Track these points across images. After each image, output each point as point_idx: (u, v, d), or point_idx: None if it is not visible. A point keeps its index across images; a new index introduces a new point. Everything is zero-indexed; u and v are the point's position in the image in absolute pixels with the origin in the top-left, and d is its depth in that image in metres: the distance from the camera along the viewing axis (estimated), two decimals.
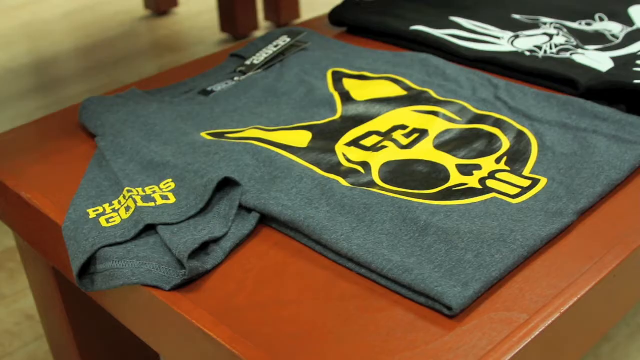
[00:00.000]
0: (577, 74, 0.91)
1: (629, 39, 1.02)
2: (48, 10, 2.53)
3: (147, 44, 2.21)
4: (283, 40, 0.99)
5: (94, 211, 0.72)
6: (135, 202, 0.71)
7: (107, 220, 0.70)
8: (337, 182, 0.73)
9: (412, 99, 0.88)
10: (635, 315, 1.16)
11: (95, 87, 1.95)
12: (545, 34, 1.02)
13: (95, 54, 2.16)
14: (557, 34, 1.02)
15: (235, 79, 0.95)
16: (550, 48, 0.98)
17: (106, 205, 0.72)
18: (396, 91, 0.90)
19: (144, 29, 2.31)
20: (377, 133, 0.82)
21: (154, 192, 0.73)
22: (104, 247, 0.66)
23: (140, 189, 0.73)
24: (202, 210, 0.70)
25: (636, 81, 0.83)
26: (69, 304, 0.91)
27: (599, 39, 1.02)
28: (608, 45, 1.00)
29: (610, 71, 0.89)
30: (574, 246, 0.66)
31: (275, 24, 2.23)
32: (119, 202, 0.72)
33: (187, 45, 2.17)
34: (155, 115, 0.87)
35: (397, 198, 0.69)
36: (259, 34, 2.20)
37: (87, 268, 0.67)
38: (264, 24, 2.25)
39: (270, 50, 0.98)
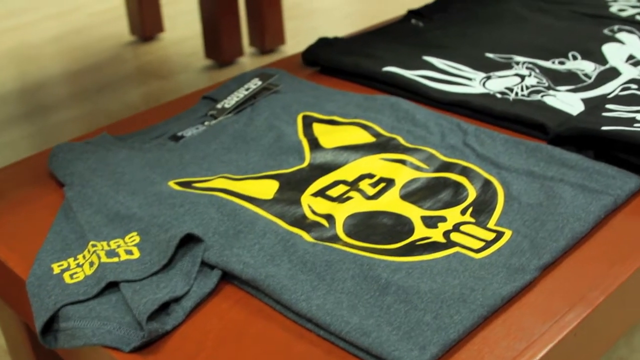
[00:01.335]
0: (546, 118, 0.90)
1: (601, 79, 1.02)
2: (35, 34, 2.53)
3: (132, 70, 2.21)
4: (254, 84, 0.99)
5: (58, 266, 0.72)
6: (99, 257, 0.71)
7: (71, 276, 0.70)
8: (301, 237, 0.72)
9: (381, 146, 0.88)
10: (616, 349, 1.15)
11: (80, 114, 1.94)
12: (517, 74, 1.02)
13: (81, 80, 2.16)
14: (529, 75, 1.02)
15: (206, 123, 0.95)
16: (522, 90, 0.98)
17: (71, 260, 0.72)
18: (365, 138, 0.90)
19: (130, 55, 2.31)
20: (344, 182, 0.82)
21: (119, 246, 0.73)
22: (67, 305, 0.66)
23: (105, 243, 0.73)
24: (165, 267, 0.70)
25: (604, 128, 0.83)
26: (38, 351, 0.91)
27: (571, 79, 1.02)
28: (580, 85, 1.00)
29: (579, 115, 0.89)
30: (535, 303, 0.65)
31: (259, 50, 2.23)
32: (84, 257, 0.72)
33: (172, 72, 2.17)
34: (124, 163, 0.87)
35: (359, 255, 0.69)
36: (243, 60, 2.20)
37: (51, 325, 0.66)
38: (248, 50, 2.25)
39: (241, 93, 0.98)
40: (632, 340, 1.10)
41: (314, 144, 0.89)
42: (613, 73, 1.04)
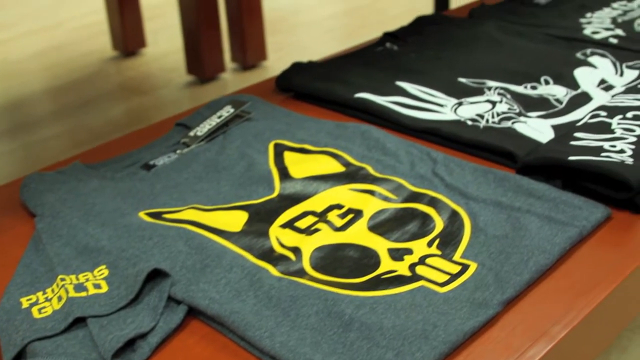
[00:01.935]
0: (516, 146, 0.91)
1: (572, 104, 1.03)
2: (17, 50, 2.53)
3: (114, 86, 2.21)
4: (227, 111, 1.00)
5: (27, 300, 0.72)
6: (67, 291, 0.71)
7: (40, 311, 0.70)
8: (267, 271, 0.73)
9: (350, 176, 0.88)
10: None
11: (62, 131, 1.95)
12: (488, 101, 1.03)
13: (63, 96, 2.16)
14: (500, 101, 1.03)
15: (178, 151, 0.96)
16: (493, 117, 0.99)
17: (39, 294, 0.73)
18: (335, 167, 0.90)
19: (112, 70, 2.31)
20: (313, 213, 0.82)
21: (87, 279, 0.73)
22: (34, 340, 0.67)
23: (73, 277, 0.73)
24: (133, 301, 0.70)
25: (571, 157, 0.84)
26: None
27: (543, 105, 1.03)
28: (551, 111, 1.01)
29: (548, 144, 0.90)
30: (498, 339, 0.66)
31: (241, 65, 2.24)
32: (52, 291, 0.73)
33: (154, 88, 2.17)
34: (95, 193, 0.87)
35: (323, 290, 0.69)
36: (225, 75, 2.21)
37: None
38: (230, 65, 2.25)
39: (213, 121, 0.99)
40: None
41: (284, 174, 0.89)
42: (584, 98, 1.05)
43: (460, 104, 1.03)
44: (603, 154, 0.85)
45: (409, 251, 0.76)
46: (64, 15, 2.84)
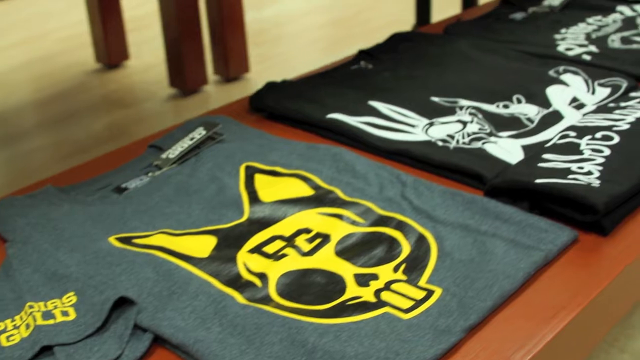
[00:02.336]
0: (485, 167, 0.92)
1: (543, 124, 1.04)
2: (2, 61, 2.53)
3: (97, 99, 2.21)
4: (199, 133, 1.00)
5: None
6: (35, 319, 0.71)
7: (8, 339, 0.71)
8: (233, 298, 0.73)
9: (319, 199, 0.89)
10: None
11: (45, 144, 1.95)
12: (459, 121, 1.04)
13: (47, 109, 2.16)
14: (471, 121, 1.04)
15: (150, 174, 0.96)
16: (463, 137, 0.99)
17: (8, 322, 0.73)
18: (304, 191, 0.91)
19: (95, 83, 2.31)
20: (281, 238, 0.83)
21: (55, 306, 0.74)
22: None
23: (42, 304, 0.74)
24: (99, 329, 0.71)
25: (537, 180, 0.84)
26: None
27: (514, 124, 1.04)
28: (522, 131, 1.02)
29: (516, 166, 0.91)
30: None
31: (224, 78, 2.24)
32: (21, 318, 0.73)
33: (137, 101, 2.18)
34: (66, 218, 0.88)
35: (288, 318, 0.70)
36: (208, 88, 2.21)
37: None
38: (213, 78, 2.25)
39: (185, 143, 0.99)
40: None
41: (254, 198, 0.90)
42: (555, 117, 1.06)
43: (431, 124, 1.03)
44: (570, 176, 0.86)
45: (374, 276, 0.76)
46: (50, 25, 2.84)
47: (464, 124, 1.03)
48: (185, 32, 2.12)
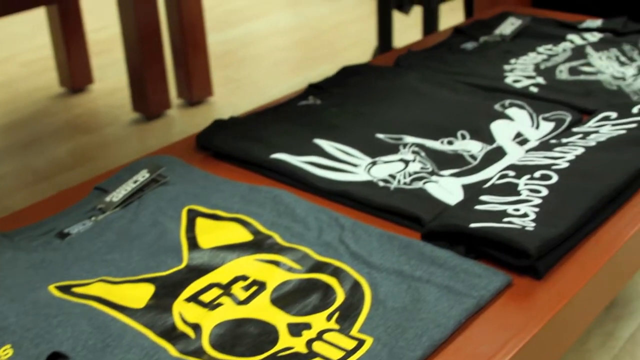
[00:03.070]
0: (424, 209, 0.93)
1: (486, 161, 1.05)
2: None
3: (61, 124, 2.21)
4: (142, 176, 1.01)
5: None
6: None
7: None
8: (166, 350, 0.74)
9: (257, 245, 0.89)
10: None
11: (7, 171, 1.95)
12: (402, 160, 1.05)
13: (9, 135, 2.16)
14: (414, 160, 1.05)
15: (93, 218, 0.96)
16: (404, 177, 1.00)
17: None
18: (243, 236, 0.91)
19: (59, 108, 2.32)
20: (218, 285, 0.83)
21: None
22: None
23: None
24: None
25: (472, 225, 0.85)
26: None
27: (457, 162, 1.05)
28: (464, 169, 1.03)
29: (453, 208, 0.92)
30: None
31: (187, 101, 2.25)
32: None
33: (101, 126, 2.18)
34: (7, 265, 0.88)
35: None
36: (171, 112, 2.22)
37: None
38: (176, 102, 2.26)
39: (129, 186, 1.00)
40: None
41: (193, 244, 0.90)
42: (498, 154, 1.07)
43: (374, 163, 1.04)
44: (505, 219, 0.87)
45: (307, 326, 0.77)
46: (13, 49, 2.83)
47: (406, 163, 1.04)
48: (147, 56, 2.13)
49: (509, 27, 1.55)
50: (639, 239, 0.95)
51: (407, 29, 2.50)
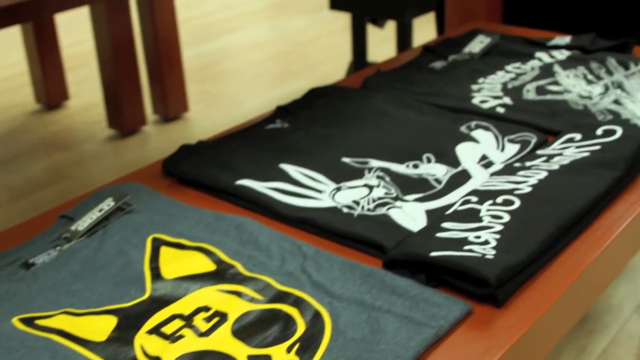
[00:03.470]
0: (386, 236, 0.93)
1: (451, 184, 1.06)
2: None
3: (37, 141, 2.21)
4: (107, 204, 1.01)
5: None
6: None
7: None
8: None
9: (219, 275, 0.90)
10: None
11: None
12: (366, 185, 1.05)
13: None
14: (378, 185, 1.05)
15: (58, 248, 0.97)
16: (368, 203, 1.01)
17: None
18: (206, 266, 0.92)
19: (34, 124, 2.32)
20: (180, 317, 0.84)
21: None
22: None
23: None
24: None
25: (432, 253, 0.86)
26: None
27: (421, 186, 1.06)
28: (428, 193, 1.04)
29: (415, 236, 0.93)
30: None
31: (163, 117, 2.25)
32: None
33: (76, 143, 2.18)
34: None
35: None
36: (147, 128, 2.22)
37: None
38: (152, 118, 2.26)
39: (94, 214, 1.00)
40: None
41: (156, 274, 0.91)
42: (463, 177, 1.08)
43: (339, 189, 1.05)
44: (466, 247, 0.88)
45: (268, 358, 0.77)
46: None
47: (370, 188, 1.05)
48: (122, 72, 2.13)
49: (477, 45, 1.56)
50: (601, 262, 0.96)
51: (382, 42, 2.51)
